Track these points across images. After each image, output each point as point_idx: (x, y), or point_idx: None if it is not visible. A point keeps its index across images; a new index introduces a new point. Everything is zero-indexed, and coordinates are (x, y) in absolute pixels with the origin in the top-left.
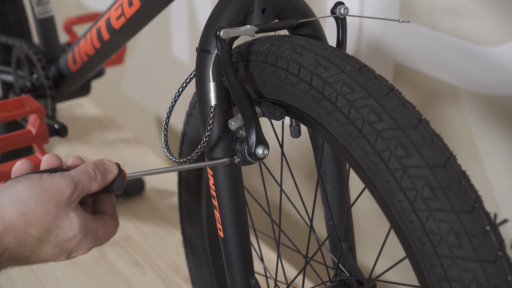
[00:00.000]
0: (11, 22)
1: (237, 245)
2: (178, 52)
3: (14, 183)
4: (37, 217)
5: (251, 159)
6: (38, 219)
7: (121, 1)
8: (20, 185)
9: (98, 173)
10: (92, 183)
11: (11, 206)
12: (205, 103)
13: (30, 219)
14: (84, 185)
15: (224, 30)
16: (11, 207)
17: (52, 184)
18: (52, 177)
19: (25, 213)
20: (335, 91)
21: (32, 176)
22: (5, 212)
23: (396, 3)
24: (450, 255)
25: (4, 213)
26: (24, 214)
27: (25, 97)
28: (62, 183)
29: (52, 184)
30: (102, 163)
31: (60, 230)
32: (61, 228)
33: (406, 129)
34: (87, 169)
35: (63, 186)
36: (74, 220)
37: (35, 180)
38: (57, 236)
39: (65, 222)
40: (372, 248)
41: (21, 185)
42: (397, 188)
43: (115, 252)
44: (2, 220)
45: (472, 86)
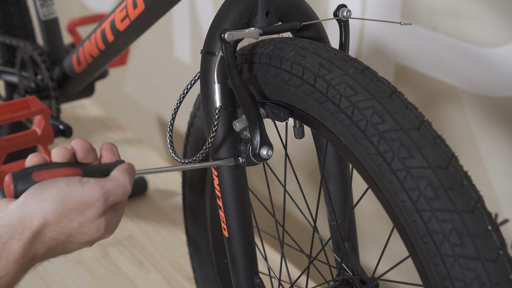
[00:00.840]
0: (15, 24)
1: (242, 245)
2: (180, 53)
3: (41, 190)
4: (62, 225)
5: (256, 160)
6: (63, 226)
7: (125, 3)
8: (46, 193)
9: (131, 185)
10: (124, 196)
11: (38, 216)
12: (210, 104)
13: (55, 227)
14: (116, 198)
15: (228, 33)
16: (38, 217)
17: (81, 194)
18: (82, 187)
19: (50, 222)
20: (339, 93)
21: (59, 183)
22: (32, 222)
23: (397, 5)
24: (452, 254)
25: (32, 224)
26: (50, 223)
27: (30, 98)
28: (92, 196)
29: (81, 194)
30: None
31: (85, 234)
32: (85, 233)
33: (409, 131)
34: (125, 184)
35: (92, 199)
36: (101, 225)
37: (62, 188)
38: (81, 239)
39: (91, 229)
40: (374, 248)
41: (47, 193)
42: (400, 189)
43: (119, 251)
44: (30, 230)
45: (472, 87)
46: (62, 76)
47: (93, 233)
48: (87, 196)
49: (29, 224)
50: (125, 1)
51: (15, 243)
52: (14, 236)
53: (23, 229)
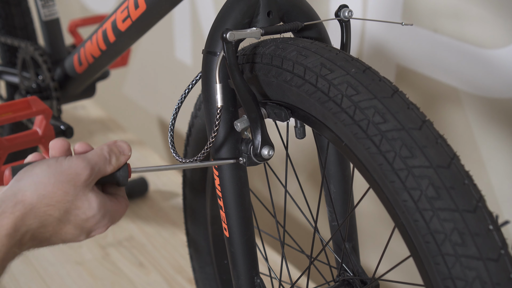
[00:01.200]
0: (17, 24)
1: (242, 245)
2: (180, 55)
3: (32, 168)
4: (56, 198)
5: (257, 160)
6: (57, 200)
7: (127, 4)
8: (37, 168)
9: (112, 156)
10: (107, 165)
11: (31, 189)
12: (211, 104)
13: (49, 200)
14: (100, 167)
15: (230, 33)
16: (31, 190)
17: (69, 167)
18: (69, 160)
19: (44, 195)
20: (340, 92)
21: (49, 160)
22: (25, 195)
23: (399, 6)
24: (454, 253)
25: (25, 196)
26: (44, 196)
27: (31, 98)
28: (79, 166)
29: (69, 167)
30: (116, 145)
31: (79, 210)
32: (79, 208)
33: (411, 130)
34: (103, 152)
35: (80, 168)
36: (92, 200)
37: (52, 164)
38: (76, 216)
39: (83, 203)
40: (375, 248)
41: (38, 168)
42: (401, 188)
43: (119, 252)
44: (23, 203)
45: (473, 88)
46: (63, 77)
47: (86, 209)
48: (74, 167)
49: (22, 197)
50: (126, 1)
51: (8, 216)
52: (6, 209)
53: (15, 202)
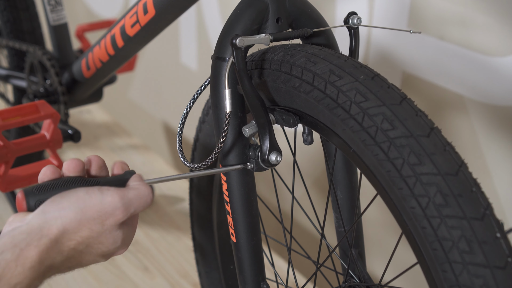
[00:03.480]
0: (24, 29)
1: (249, 250)
2: (186, 60)
3: (60, 199)
4: (81, 234)
5: (264, 165)
6: (81, 236)
7: (136, 9)
8: (65, 202)
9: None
10: (145, 207)
11: (57, 224)
12: (220, 109)
13: (74, 236)
14: (137, 210)
15: (240, 39)
16: (57, 225)
17: (100, 203)
18: (102, 195)
19: (69, 231)
20: (349, 99)
21: (78, 192)
22: (51, 230)
23: (405, 13)
24: (461, 261)
25: (50, 231)
26: (69, 232)
27: (39, 102)
28: (111, 205)
29: (100, 203)
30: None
31: (102, 244)
32: (103, 243)
33: (419, 137)
34: (148, 195)
35: (112, 208)
36: (118, 237)
37: (81, 196)
38: (98, 249)
39: (108, 239)
40: (381, 255)
41: (66, 202)
42: (409, 195)
43: (124, 256)
44: (49, 237)
45: (479, 96)
46: (71, 81)
47: (110, 244)
48: (106, 205)
49: (48, 232)
50: (135, 6)
51: (32, 249)
52: (31, 242)
53: (41, 236)
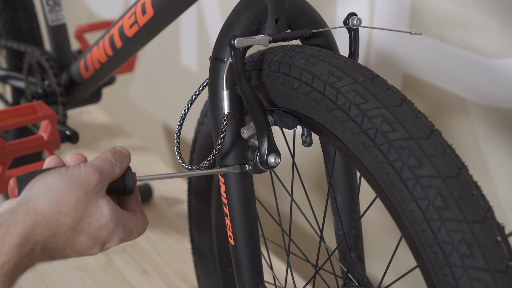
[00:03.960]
0: (23, 29)
1: (247, 253)
2: (186, 61)
3: (44, 176)
4: (69, 205)
5: (263, 167)
6: (70, 207)
7: (134, 9)
8: (49, 177)
9: (117, 159)
10: (114, 168)
11: (43, 197)
12: (218, 111)
13: (62, 207)
14: (108, 171)
15: (238, 39)
16: (43, 198)
17: (78, 174)
18: (77, 168)
19: (57, 203)
20: (348, 100)
21: (59, 169)
22: (37, 203)
23: (406, 14)
24: (461, 264)
25: (36, 204)
26: (56, 203)
27: (37, 103)
28: (87, 172)
29: (78, 174)
30: (117, 150)
31: (92, 217)
32: (92, 215)
33: (419, 139)
34: (107, 157)
35: (89, 174)
36: (104, 207)
37: (63, 172)
38: (89, 224)
39: (95, 209)
40: (381, 258)
41: (50, 177)
42: (409, 198)
43: (123, 259)
44: (35, 211)
45: (480, 98)
46: (70, 82)
47: (99, 216)
48: (83, 174)
49: (34, 205)
50: (134, 7)
51: (19, 225)
52: (18, 218)
53: (27, 210)
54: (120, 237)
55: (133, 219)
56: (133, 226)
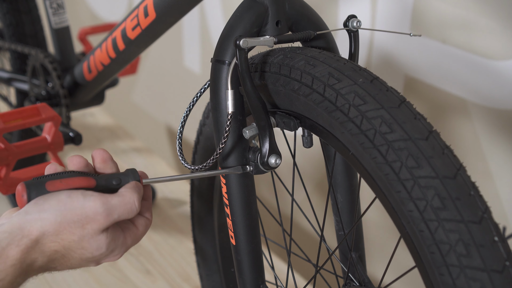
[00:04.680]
0: (27, 32)
1: (249, 253)
2: (189, 63)
3: (42, 201)
4: (61, 236)
5: (264, 168)
6: (63, 238)
7: (137, 12)
8: (46, 204)
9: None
10: (131, 214)
11: (37, 226)
12: (219, 112)
13: (55, 238)
14: (121, 216)
15: (243, 40)
16: (36, 226)
17: (81, 207)
18: (84, 200)
19: (50, 233)
20: (348, 102)
21: (61, 195)
22: (31, 231)
23: (407, 16)
24: (458, 264)
25: (30, 231)
26: (50, 233)
27: (41, 105)
28: (92, 210)
29: (81, 207)
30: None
31: (85, 250)
32: (85, 249)
33: (417, 140)
34: (132, 201)
35: (93, 213)
36: (101, 242)
37: (62, 199)
38: (82, 254)
39: (91, 245)
40: (382, 258)
41: (47, 204)
42: (407, 198)
43: (126, 260)
44: (29, 238)
45: (481, 99)
46: (73, 84)
47: (93, 250)
48: (87, 209)
49: (28, 232)
50: (136, 9)
51: (14, 248)
52: (12, 242)
53: (22, 236)
54: (118, 255)
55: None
56: (134, 240)
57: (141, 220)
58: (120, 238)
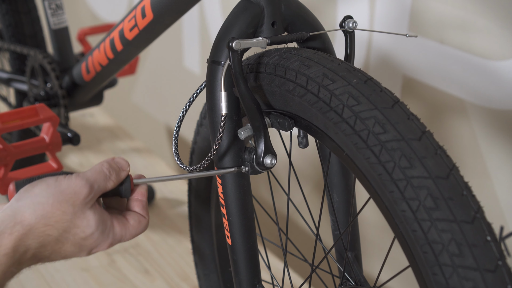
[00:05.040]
0: (26, 32)
1: (245, 253)
2: (189, 64)
3: (31, 187)
4: (55, 218)
5: (259, 169)
6: (56, 220)
7: (134, 13)
8: (36, 189)
9: (112, 172)
10: (107, 182)
11: (30, 210)
12: (215, 113)
13: (48, 220)
14: (100, 184)
15: (236, 42)
16: (30, 211)
17: (68, 186)
18: (68, 179)
19: (43, 216)
20: (342, 102)
21: (48, 179)
22: (24, 216)
23: (405, 17)
24: (451, 264)
25: (23, 217)
26: (42, 216)
27: (39, 106)
28: (77, 184)
29: (68, 186)
30: (115, 162)
31: (78, 228)
32: (78, 227)
33: (410, 141)
34: (102, 169)
35: (78, 187)
36: (90, 218)
37: (51, 183)
38: (75, 235)
39: (82, 221)
40: (379, 257)
41: (37, 189)
42: (400, 198)
43: (125, 259)
44: (22, 224)
45: (479, 100)
46: (71, 85)
47: (85, 227)
48: (73, 186)
49: (21, 218)
50: (134, 10)
51: (6, 237)
52: (5, 230)
53: (14, 223)
54: (108, 242)
55: (125, 223)
56: (124, 231)
57: (134, 215)
58: (108, 220)
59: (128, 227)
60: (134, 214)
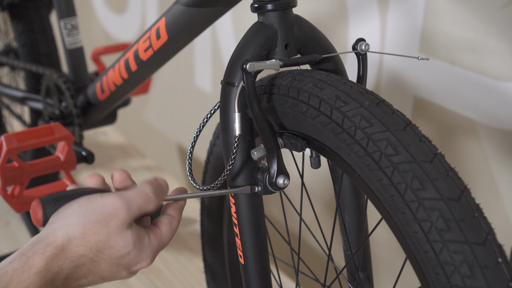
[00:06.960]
0: (41, 52)
1: (257, 272)
2: (200, 83)
3: (63, 209)
4: (87, 239)
5: (272, 189)
6: (89, 240)
7: (149, 34)
8: (68, 210)
9: (156, 194)
10: (149, 204)
11: (61, 231)
12: (229, 133)
13: (80, 241)
14: (141, 206)
15: (250, 64)
16: (62, 232)
17: (102, 205)
18: (104, 198)
19: (75, 236)
20: (354, 124)
21: (80, 199)
22: (56, 237)
23: (416, 38)
24: (463, 285)
25: (55, 238)
26: (75, 237)
27: (54, 125)
28: (113, 205)
29: (102, 205)
30: (158, 183)
31: (113, 249)
32: (113, 248)
33: (422, 163)
34: (146, 191)
35: (114, 208)
36: (128, 238)
37: (83, 202)
38: (110, 254)
39: (117, 242)
40: (390, 278)
41: (69, 210)
42: (412, 220)
43: (136, 277)
44: (54, 245)
45: (490, 120)
46: (86, 104)
47: (121, 248)
48: (108, 206)
49: (53, 239)
50: (149, 31)
51: (38, 256)
52: (37, 251)
53: (47, 244)
54: (149, 258)
55: (158, 233)
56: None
57: (161, 219)
58: (145, 237)
59: (162, 236)
60: (163, 218)
